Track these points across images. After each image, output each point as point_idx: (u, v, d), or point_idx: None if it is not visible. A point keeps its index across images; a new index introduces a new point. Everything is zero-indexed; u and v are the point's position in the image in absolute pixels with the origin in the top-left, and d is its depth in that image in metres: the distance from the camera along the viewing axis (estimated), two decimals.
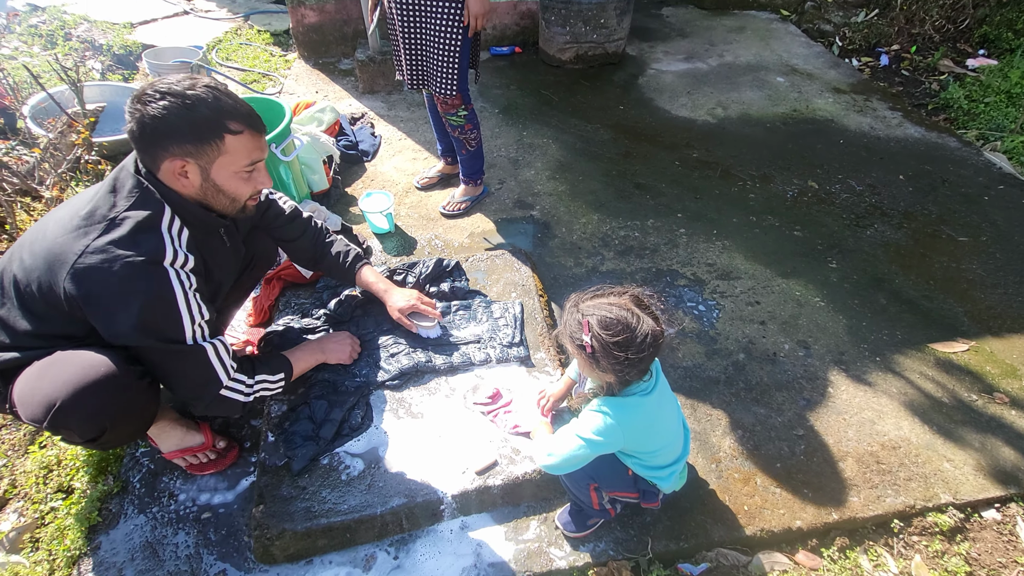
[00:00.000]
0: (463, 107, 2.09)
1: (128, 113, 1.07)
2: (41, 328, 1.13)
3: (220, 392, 1.23)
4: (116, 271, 1.04)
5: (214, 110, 1.07)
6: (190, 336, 1.15)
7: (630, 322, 1.05)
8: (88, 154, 1.78)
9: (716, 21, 4.21)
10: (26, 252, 1.13)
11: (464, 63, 1.99)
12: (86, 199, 1.14)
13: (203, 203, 1.19)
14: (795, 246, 2.30)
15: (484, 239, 2.27)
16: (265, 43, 4.05)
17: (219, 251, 1.30)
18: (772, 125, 3.08)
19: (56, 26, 4.05)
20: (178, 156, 1.09)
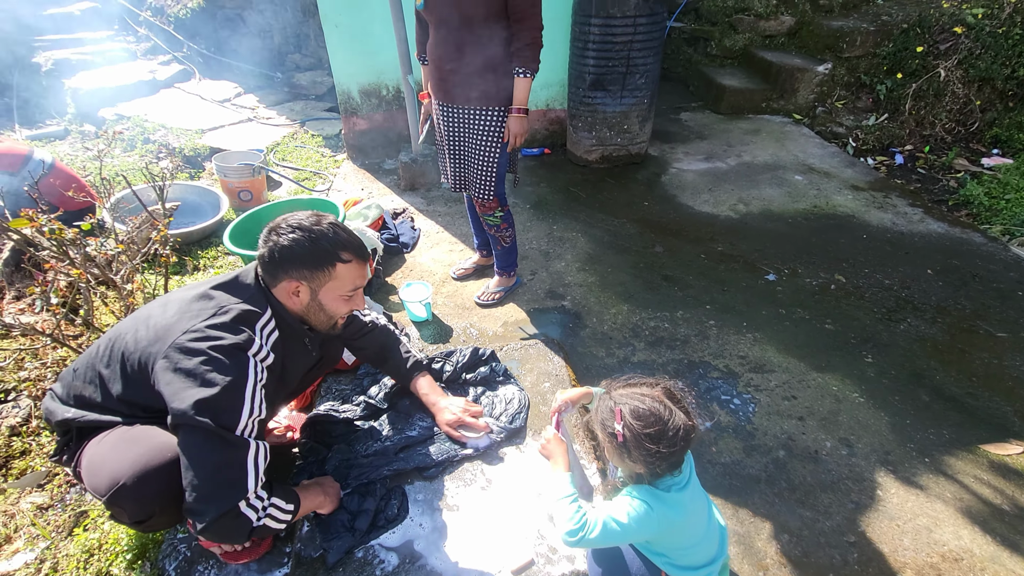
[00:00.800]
0: (499, 208, 2.25)
1: (262, 241, 1.28)
2: (129, 395, 1.22)
3: (239, 503, 1.14)
4: (206, 348, 1.14)
5: (332, 243, 1.27)
6: (241, 427, 1.16)
7: (662, 414, 1.06)
8: (163, 248, 1.97)
9: (732, 124, 4.51)
10: (143, 325, 1.24)
11: (502, 171, 2.17)
12: (200, 286, 1.29)
13: (303, 318, 1.36)
14: (828, 340, 2.30)
15: (518, 328, 2.35)
16: (317, 145, 4.50)
17: (298, 354, 1.41)
18: (794, 220, 3.19)
19: (137, 132, 4.60)
20: (295, 278, 1.28)
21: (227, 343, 1.16)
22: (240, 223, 2.40)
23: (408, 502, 1.55)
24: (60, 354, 2.01)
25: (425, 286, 2.36)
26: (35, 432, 1.87)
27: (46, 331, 1.72)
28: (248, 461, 1.16)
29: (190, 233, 2.90)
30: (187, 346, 1.14)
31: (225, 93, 5.45)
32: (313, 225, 1.27)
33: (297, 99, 5.53)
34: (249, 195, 3.37)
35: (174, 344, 1.15)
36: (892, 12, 4.58)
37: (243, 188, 3.33)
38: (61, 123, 4.90)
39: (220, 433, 1.13)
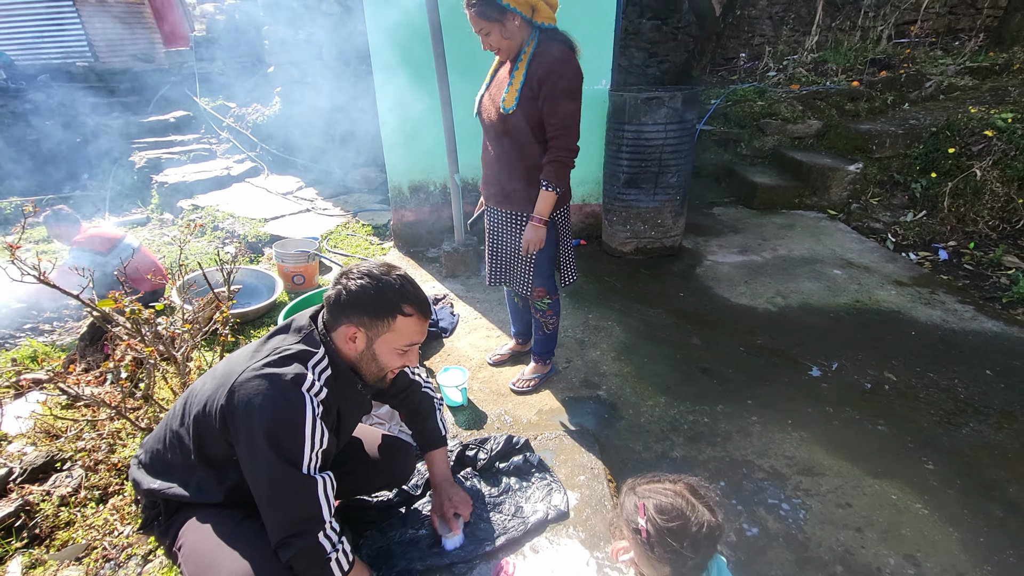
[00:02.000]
0: (548, 296, 2.32)
1: (333, 283, 1.34)
2: (203, 448, 1.28)
3: (318, 535, 1.20)
4: (262, 386, 1.19)
5: (397, 294, 1.30)
6: (306, 462, 1.20)
7: (684, 510, 1.07)
8: (224, 328, 2.12)
9: (766, 219, 4.61)
10: (209, 379, 1.33)
11: (541, 269, 2.22)
12: (265, 338, 1.37)
13: (354, 366, 1.38)
14: (881, 442, 2.17)
15: (552, 417, 2.33)
16: (367, 234, 4.83)
17: (352, 398, 1.43)
18: (836, 315, 3.14)
19: (209, 220, 5.09)
20: (355, 324, 1.30)
21: (283, 379, 1.20)
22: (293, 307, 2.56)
23: None
24: (117, 426, 2.12)
25: (462, 371, 2.40)
26: (82, 503, 1.93)
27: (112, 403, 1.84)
28: (319, 494, 1.21)
29: (246, 313, 3.10)
30: (246, 384, 1.20)
31: (288, 187, 6.01)
32: (382, 275, 1.30)
33: (351, 192, 6.03)
34: (302, 279, 3.61)
35: (234, 385, 1.20)
36: (919, 117, 4.75)
37: (297, 273, 3.58)
38: (144, 211, 5.48)
39: (289, 474, 1.18)
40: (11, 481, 1.90)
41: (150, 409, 2.06)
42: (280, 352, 1.27)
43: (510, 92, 1.90)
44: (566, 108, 1.85)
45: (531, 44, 1.89)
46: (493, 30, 1.84)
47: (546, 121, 1.90)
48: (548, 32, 1.91)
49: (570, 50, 1.91)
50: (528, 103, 1.89)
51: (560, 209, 2.13)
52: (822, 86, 5.47)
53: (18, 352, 2.95)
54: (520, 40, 1.90)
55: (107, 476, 2.00)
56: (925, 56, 5.82)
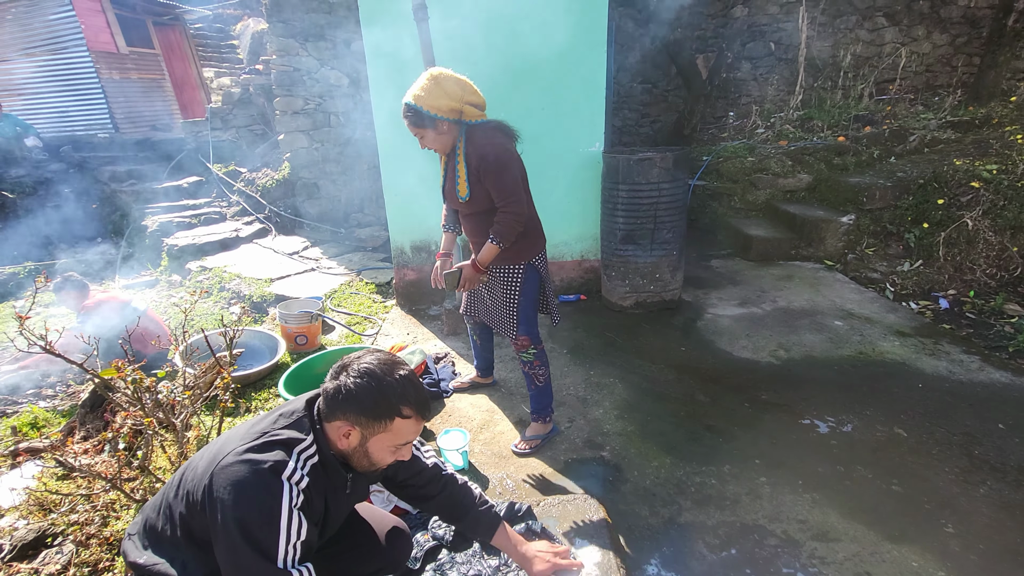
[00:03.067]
0: (532, 347, 2.42)
1: (331, 376, 1.31)
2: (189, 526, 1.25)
3: None
4: (241, 472, 1.18)
5: (397, 397, 1.27)
6: (281, 556, 1.15)
7: None
8: (224, 393, 2.12)
9: (764, 271, 4.65)
10: (204, 457, 1.30)
11: (524, 315, 2.40)
12: (258, 419, 1.36)
13: (344, 458, 1.35)
14: (897, 504, 2.09)
15: (555, 480, 2.27)
16: (370, 292, 4.89)
17: (339, 492, 1.39)
18: (840, 367, 3.11)
19: (216, 281, 5.18)
20: (349, 422, 1.28)
21: (261, 467, 1.19)
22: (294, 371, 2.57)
23: None
24: (111, 497, 2.08)
25: (462, 433, 2.37)
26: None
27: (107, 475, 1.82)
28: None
29: (247, 376, 3.10)
30: (226, 468, 1.19)
31: (294, 246, 6.15)
32: (384, 375, 1.26)
33: (356, 251, 6.16)
34: (305, 339, 3.63)
35: (216, 467, 1.20)
36: (907, 169, 4.89)
37: (300, 333, 3.60)
38: (154, 273, 5.60)
39: (260, 564, 1.13)
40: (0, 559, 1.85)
41: (146, 480, 2.03)
42: (267, 436, 1.26)
43: (461, 184, 2.21)
44: (503, 181, 2.15)
45: (462, 140, 2.19)
46: (426, 135, 2.15)
47: (492, 195, 2.20)
48: (475, 127, 2.19)
49: (496, 131, 2.21)
50: (477, 187, 2.20)
51: (538, 256, 2.39)
52: (809, 141, 5.67)
53: (18, 419, 2.94)
54: (452, 138, 2.20)
55: (98, 551, 1.94)
56: (907, 112, 6.06)
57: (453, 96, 2.09)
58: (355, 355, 1.33)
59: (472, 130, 2.19)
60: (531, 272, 2.37)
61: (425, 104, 2.07)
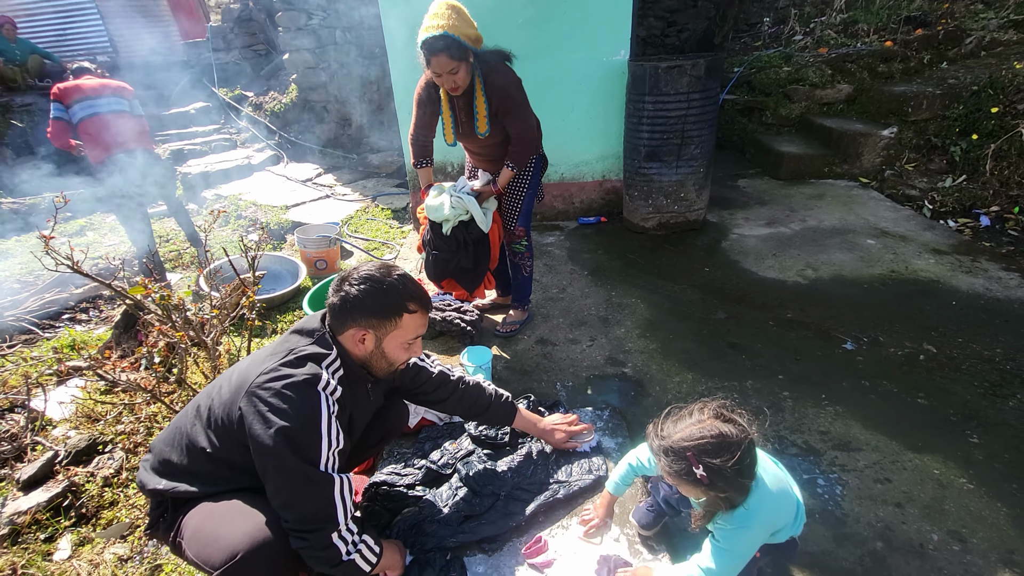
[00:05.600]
0: (525, 238, 2.60)
1: (333, 290, 1.36)
2: (215, 451, 1.29)
3: (331, 535, 1.22)
4: (279, 386, 1.22)
5: (401, 294, 1.35)
6: (324, 461, 1.22)
7: (729, 439, 1.10)
8: (250, 312, 2.14)
9: (794, 190, 4.45)
10: (225, 383, 1.34)
11: (526, 208, 2.54)
12: (279, 342, 1.39)
13: (365, 364, 1.41)
14: (922, 416, 2.09)
15: (577, 395, 2.31)
16: (386, 218, 4.83)
17: (362, 399, 1.47)
18: (870, 286, 3.02)
19: (232, 209, 5.15)
20: (363, 327, 1.34)
21: (298, 379, 1.23)
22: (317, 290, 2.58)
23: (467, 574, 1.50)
24: (153, 410, 2.18)
25: (485, 351, 2.40)
26: (124, 483, 1.99)
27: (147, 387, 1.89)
28: (335, 496, 1.22)
29: (272, 299, 3.14)
30: (263, 386, 1.22)
31: (307, 173, 6.04)
32: (384, 277, 1.34)
33: (370, 177, 6.04)
34: (324, 264, 3.64)
35: (251, 386, 1.23)
36: (959, 76, 4.49)
37: (319, 258, 3.60)
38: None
39: (306, 472, 1.19)
40: (57, 463, 1.98)
41: (183, 393, 2.11)
42: (296, 353, 1.29)
43: (481, 121, 2.25)
44: (523, 117, 2.25)
45: (477, 73, 2.15)
46: (461, 68, 2.06)
47: (507, 126, 2.28)
48: (482, 56, 2.15)
49: (505, 62, 2.21)
50: (495, 122, 2.27)
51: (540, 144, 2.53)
52: (852, 48, 5.20)
53: (58, 340, 3.06)
54: (469, 69, 2.13)
55: None
56: (965, 10, 5.47)
57: (472, 24, 2.05)
58: (350, 268, 1.39)
59: (485, 64, 2.15)
60: (539, 161, 2.51)
61: (460, 33, 1.97)
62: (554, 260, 3.58)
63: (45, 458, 1.98)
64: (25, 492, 1.90)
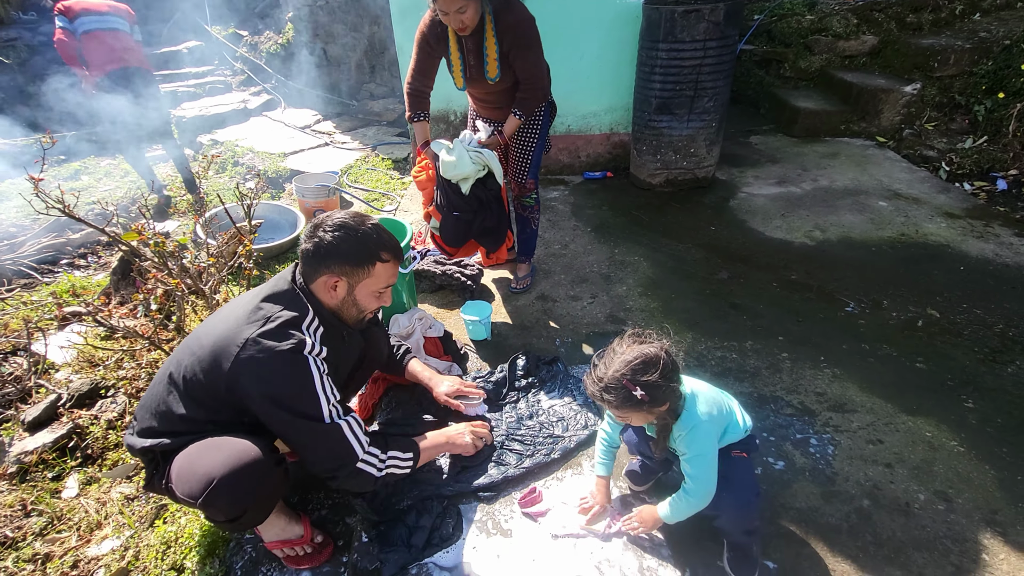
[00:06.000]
0: (535, 192, 2.56)
1: (306, 236, 1.35)
2: (195, 413, 1.30)
3: (356, 465, 1.33)
4: (269, 359, 1.24)
5: (375, 243, 1.36)
6: (327, 414, 1.29)
7: (651, 357, 1.24)
8: (247, 262, 2.11)
9: (807, 148, 4.31)
10: (196, 346, 1.33)
11: (537, 159, 2.47)
12: (247, 300, 1.38)
13: (336, 312, 1.43)
14: (919, 379, 2.10)
15: (575, 351, 2.31)
16: (387, 168, 4.72)
17: (341, 348, 1.49)
18: (878, 249, 2.97)
19: (229, 156, 5.03)
20: (335, 274, 1.35)
21: (285, 349, 1.25)
22: None
23: (463, 521, 1.55)
24: (154, 356, 2.19)
25: (486, 305, 2.38)
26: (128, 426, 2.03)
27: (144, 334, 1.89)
28: (346, 435, 1.31)
29: (270, 248, 3.11)
30: (251, 361, 1.23)
31: (305, 120, 5.86)
32: (358, 225, 1.34)
33: (370, 125, 5.85)
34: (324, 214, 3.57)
35: (237, 359, 1.24)
36: (992, 28, 4.24)
37: (318, 208, 3.54)
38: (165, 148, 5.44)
39: (313, 427, 1.26)
40: (60, 406, 2.01)
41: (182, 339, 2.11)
42: (274, 320, 1.29)
43: (491, 65, 2.11)
44: (535, 61, 2.12)
45: (488, 10, 2.00)
46: (469, 7, 1.93)
47: (516, 70, 2.14)
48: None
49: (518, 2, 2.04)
50: (505, 65, 2.13)
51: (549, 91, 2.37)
52: None
53: (57, 286, 3.05)
54: (479, 9, 1.99)
55: None
56: None
57: None
58: (323, 215, 1.37)
59: (494, 3, 2.01)
60: (548, 109, 2.40)
61: None
62: (557, 215, 3.51)
63: (48, 400, 2.00)
64: (31, 433, 1.94)
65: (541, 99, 2.21)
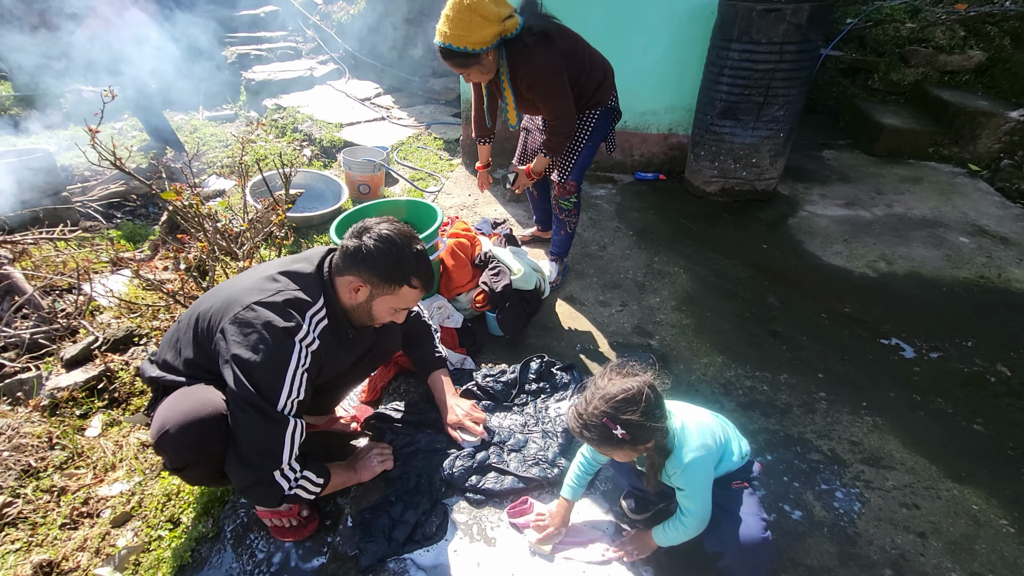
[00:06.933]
0: (575, 195, 2.45)
1: (352, 233, 1.38)
2: (199, 359, 1.33)
3: (274, 472, 1.25)
4: (259, 326, 1.24)
5: (412, 267, 1.37)
6: (282, 404, 1.25)
7: (633, 393, 1.15)
8: (279, 231, 2.14)
9: (886, 169, 3.95)
10: (215, 298, 1.36)
11: (584, 159, 2.37)
12: (270, 267, 1.39)
13: (348, 312, 1.43)
14: (974, 443, 1.88)
15: (595, 358, 2.22)
16: (437, 148, 4.71)
17: (344, 342, 1.46)
18: (950, 290, 2.68)
19: (289, 121, 5.17)
20: (362, 280, 1.36)
21: (279, 325, 1.25)
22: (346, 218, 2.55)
23: (448, 522, 1.51)
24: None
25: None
26: None
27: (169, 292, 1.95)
28: (286, 436, 1.26)
29: (309, 218, 3.16)
30: (242, 319, 1.24)
31: (367, 92, 5.93)
32: (403, 244, 1.36)
33: (428, 102, 5.86)
34: (367, 188, 3.60)
35: (232, 316, 1.25)
36: None
37: (363, 182, 3.57)
38: (233, 108, 5.67)
39: (263, 408, 1.22)
40: (96, 348, 2.12)
41: None
42: (283, 295, 1.30)
43: (510, 112, 2.18)
44: (555, 105, 2.08)
45: (503, 62, 2.03)
46: (471, 71, 2.02)
47: (542, 111, 2.20)
48: (515, 44, 1.98)
49: (538, 46, 1.97)
50: (524, 105, 2.19)
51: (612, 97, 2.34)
52: (999, 6, 4.38)
53: (116, 232, 3.24)
54: (495, 61, 2.03)
55: None
56: None
57: (491, 18, 1.87)
58: (375, 219, 1.40)
59: (513, 51, 2.00)
60: (605, 115, 2.33)
61: (468, 43, 1.88)
62: (600, 215, 3.39)
63: (86, 342, 2.12)
64: (67, 370, 2.06)
65: (565, 140, 2.21)
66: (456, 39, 1.88)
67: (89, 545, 1.55)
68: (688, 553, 1.40)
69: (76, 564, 1.50)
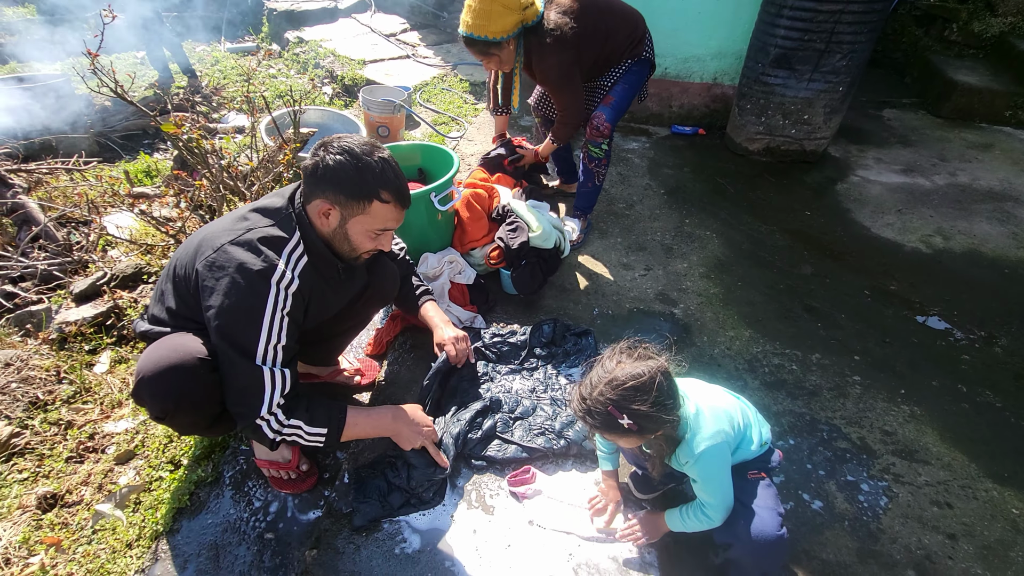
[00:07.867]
0: (607, 141, 2.31)
1: (311, 154, 1.23)
2: (180, 309, 1.27)
3: (254, 419, 1.21)
4: (230, 269, 1.17)
5: (376, 178, 1.22)
6: (260, 354, 1.18)
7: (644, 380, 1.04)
8: (287, 172, 2.03)
9: (952, 133, 3.57)
10: (190, 243, 1.29)
11: (619, 104, 2.25)
12: (246, 207, 1.30)
13: (328, 243, 1.32)
14: (1022, 443, 1.72)
15: (613, 325, 2.10)
16: (463, 91, 4.45)
17: (333, 281, 1.38)
18: (1012, 272, 2.44)
19: (311, 56, 4.95)
20: (328, 201, 1.24)
21: (251, 268, 1.17)
22: None
23: (446, 487, 1.47)
24: None
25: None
26: None
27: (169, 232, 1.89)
28: (264, 384, 1.19)
29: None
30: (212, 261, 1.18)
31: (392, 27, 5.62)
32: (363, 154, 1.22)
33: (455, 41, 5.52)
34: (387, 131, 3.44)
35: (204, 260, 1.19)
36: None
37: (382, 124, 3.40)
38: (255, 39, 5.46)
39: (238, 354, 1.17)
40: (104, 284, 2.09)
41: None
42: (254, 232, 1.20)
43: (514, 97, 2.31)
44: (563, 99, 2.19)
45: (519, 54, 2.10)
46: (491, 60, 2.10)
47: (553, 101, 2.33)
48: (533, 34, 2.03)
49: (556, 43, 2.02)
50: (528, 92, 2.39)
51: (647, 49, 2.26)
52: None
53: (134, 165, 3.18)
54: (515, 51, 2.10)
55: None
56: None
57: (513, 6, 1.93)
58: (334, 136, 1.25)
59: (530, 42, 2.05)
60: (640, 67, 2.26)
61: (489, 31, 1.96)
62: (630, 170, 3.17)
63: (95, 276, 2.10)
64: (77, 304, 2.05)
65: (573, 131, 2.31)
66: (477, 28, 1.96)
67: (92, 480, 1.56)
68: (696, 538, 1.32)
69: (79, 498, 1.52)
